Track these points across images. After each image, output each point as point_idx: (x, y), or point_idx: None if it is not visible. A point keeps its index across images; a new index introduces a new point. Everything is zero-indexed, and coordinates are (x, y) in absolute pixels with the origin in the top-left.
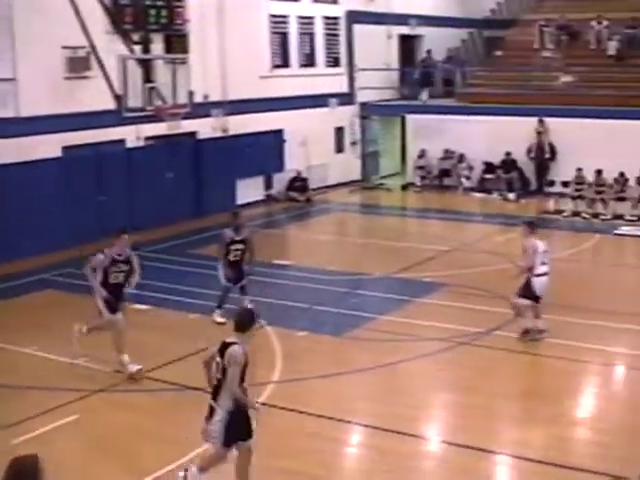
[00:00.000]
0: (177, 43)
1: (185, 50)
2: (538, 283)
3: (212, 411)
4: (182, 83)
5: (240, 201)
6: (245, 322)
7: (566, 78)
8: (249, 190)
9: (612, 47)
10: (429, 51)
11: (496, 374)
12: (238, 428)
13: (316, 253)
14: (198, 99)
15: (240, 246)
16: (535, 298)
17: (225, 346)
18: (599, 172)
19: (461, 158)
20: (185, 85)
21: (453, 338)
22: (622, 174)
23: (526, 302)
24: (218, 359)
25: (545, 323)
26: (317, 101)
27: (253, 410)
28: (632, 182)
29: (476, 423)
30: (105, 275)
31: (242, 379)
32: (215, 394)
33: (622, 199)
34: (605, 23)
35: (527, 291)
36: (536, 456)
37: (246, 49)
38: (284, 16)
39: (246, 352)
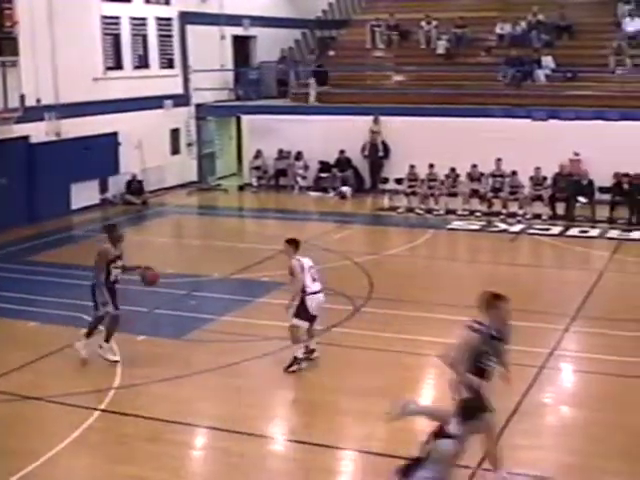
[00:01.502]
0: (6, 45)
1: (15, 52)
2: (313, 301)
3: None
4: (13, 86)
5: (75, 206)
6: None
7: (398, 77)
8: (84, 194)
9: (441, 46)
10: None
11: (338, 370)
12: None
13: (153, 256)
14: (30, 103)
15: (120, 263)
16: (311, 318)
17: None
18: (431, 166)
19: (297, 157)
20: (16, 88)
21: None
22: (453, 170)
23: (303, 324)
24: None
25: (315, 344)
26: (152, 103)
27: None
28: (463, 177)
29: (320, 420)
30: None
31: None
32: None
33: (454, 194)
34: (434, 23)
35: (303, 312)
36: (380, 449)
37: (78, 51)
38: (116, 17)
39: None
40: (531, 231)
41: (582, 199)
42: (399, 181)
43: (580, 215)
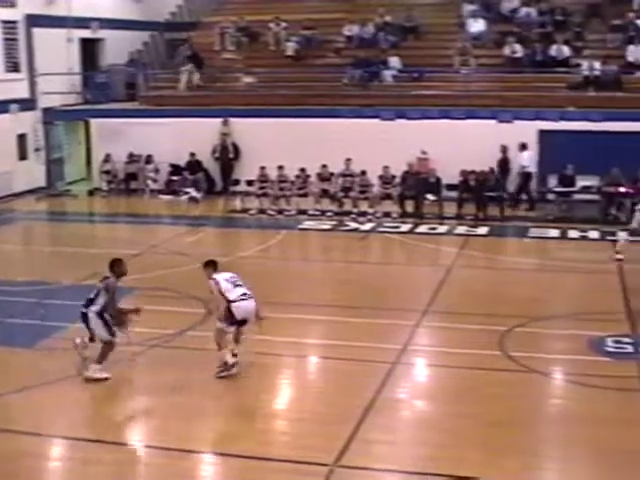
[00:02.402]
0: None
1: None
2: (237, 309)
3: None
4: None
5: None
6: None
7: (248, 79)
8: None
9: (290, 48)
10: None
11: (194, 374)
12: None
13: (2, 264)
14: None
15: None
16: (237, 322)
17: None
18: (280, 167)
19: (147, 161)
20: None
21: (146, 342)
22: (303, 170)
23: (228, 328)
24: None
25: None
26: None
27: None
28: (313, 178)
29: (176, 424)
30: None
31: None
32: None
33: (304, 195)
34: (283, 25)
35: (228, 317)
36: (237, 451)
37: None
38: None
39: None
40: (381, 229)
41: (430, 197)
42: (250, 183)
43: (429, 212)
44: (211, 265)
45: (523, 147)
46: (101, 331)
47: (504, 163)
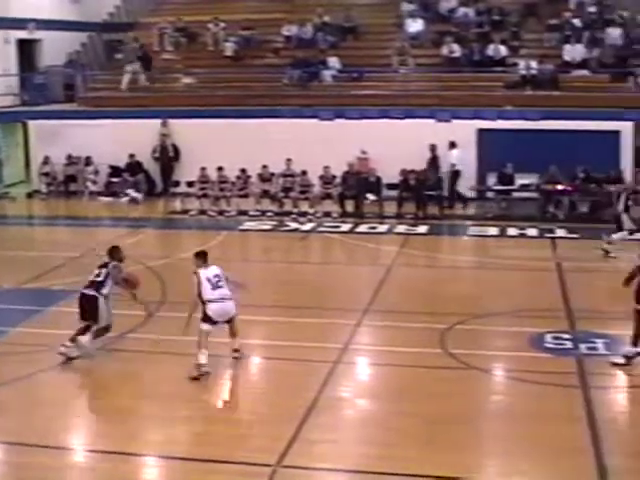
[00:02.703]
0: None
1: None
2: (211, 310)
3: None
4: None
5: None
6: None
7: (187, 80)
8: None
9: (229, 48)
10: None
11: (135, 376)
12: None
13: None
14: None
15: None
16: (215, 323)
17: None
18: (220, 169)
19: (87, 163)
20: None
21: (84, 344)
22: (244, 171)
23: (207, 327)
24: None
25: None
26: None
27: None
28: (254, 178)
29: (120, 427)
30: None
31: None
32: None
33: (245, 196)
34: (222, 25)
35: (206, 317)
36: (181, 454)
37: None
38: None
39: None
40: (322, 229)
41: (370, 196)
42: (191, 184)
43: (369, 212)
44: (200, 257)
45: (452, 145)
46: (105, 314)
47: (433, 162)
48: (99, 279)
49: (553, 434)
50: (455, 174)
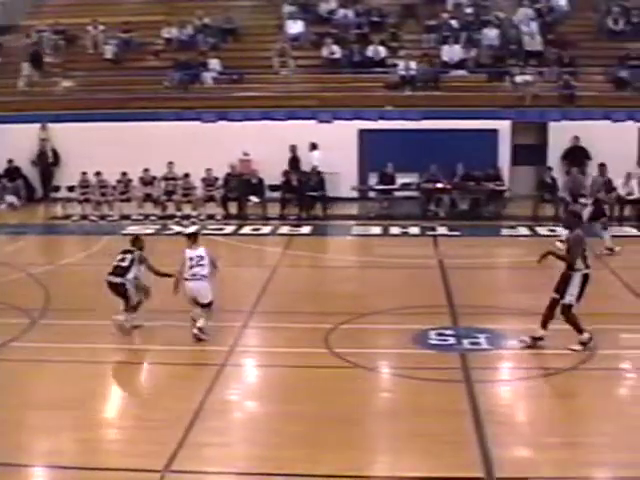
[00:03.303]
0: None
1: None
2: (185, 287)
3: None
4: None
5: None
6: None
7: (67, 83)
8: None
9: (109, 51)
10: None
11: (20, 386)
12: None
13: None
14: None
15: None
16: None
17: None
18: (98, 173)
19: None
20: None
21: None
22: (125, 174)
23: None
24: None
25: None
26: None
27: None
28: (136, 182)
29: (5, 438)
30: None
31: None
32: None
33: (127, 200)
34: (101, 27)
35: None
36: (68, 463)
37: None
38: None
39: None
40: (206, 232)
41: (253, 198)
42: (71, 189)
43: (252, 213)
44: (190, 238)
45: (313, 147)
46: (135, 296)
47: (294, 162)
48: (124, 264)
49: (439, 429)
50: (318, 175)
